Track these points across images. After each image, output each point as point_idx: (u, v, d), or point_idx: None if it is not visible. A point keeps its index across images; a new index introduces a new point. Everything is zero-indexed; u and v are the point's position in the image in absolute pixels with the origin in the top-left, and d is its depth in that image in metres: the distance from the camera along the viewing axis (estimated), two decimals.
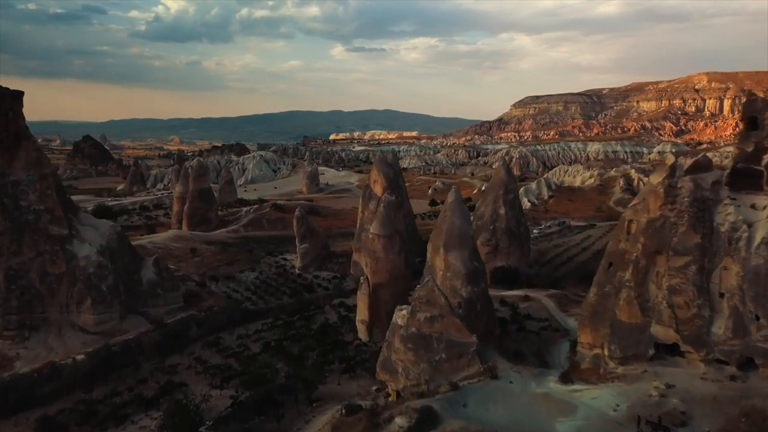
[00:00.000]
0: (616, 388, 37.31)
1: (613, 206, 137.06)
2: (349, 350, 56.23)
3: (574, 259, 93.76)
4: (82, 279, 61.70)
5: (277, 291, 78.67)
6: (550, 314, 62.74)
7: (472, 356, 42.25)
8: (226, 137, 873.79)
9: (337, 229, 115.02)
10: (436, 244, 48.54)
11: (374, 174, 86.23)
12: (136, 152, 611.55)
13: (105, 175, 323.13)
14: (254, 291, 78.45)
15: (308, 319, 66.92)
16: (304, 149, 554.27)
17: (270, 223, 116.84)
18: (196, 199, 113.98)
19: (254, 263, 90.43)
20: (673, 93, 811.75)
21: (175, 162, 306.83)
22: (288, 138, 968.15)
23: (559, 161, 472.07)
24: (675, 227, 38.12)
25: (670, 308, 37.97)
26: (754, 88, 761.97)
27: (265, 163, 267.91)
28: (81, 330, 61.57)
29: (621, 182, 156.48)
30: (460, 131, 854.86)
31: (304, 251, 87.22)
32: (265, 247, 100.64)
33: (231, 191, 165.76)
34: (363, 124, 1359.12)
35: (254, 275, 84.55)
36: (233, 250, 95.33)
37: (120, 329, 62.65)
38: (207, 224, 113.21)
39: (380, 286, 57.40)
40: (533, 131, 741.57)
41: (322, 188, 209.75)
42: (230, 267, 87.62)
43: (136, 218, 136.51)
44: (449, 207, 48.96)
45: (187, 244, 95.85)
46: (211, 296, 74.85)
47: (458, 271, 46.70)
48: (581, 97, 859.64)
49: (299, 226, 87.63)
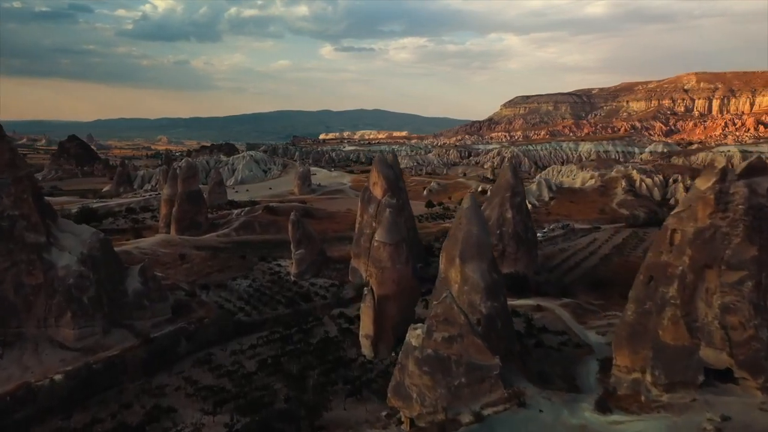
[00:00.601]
0: (664, 420, 33.03)
1: (617, 208, 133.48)
2: (354, 369, 51.67)
3: (582, 264, 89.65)
4: (61, 290, 56.78)
5: (272, 300, 73.92)
6: (566, 326, 58.52)
7: (495, 380, 37.97)
8: (214, 137, 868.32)
9: (332, 233, 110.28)
10: (451, 255, 44.09)
11: (374, 175, 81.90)
12: (124, 152, 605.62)
13: (91, 176, 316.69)
14: (248, 300, 73.65)
15: (306, 332, 62.28)
16: (294, 149, 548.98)
17: (262, 226, 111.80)
18: (185, 202, 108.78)
19: (247, 270, 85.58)
20: (663, 93, 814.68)
21: (163, 162, 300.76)
22: (277, 138, 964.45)
23: (551, 161, 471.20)
24: (728, 238, 33.91)
25: (722, 329, 33.77)
26: (741, 89, 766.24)
27: (255, 164, 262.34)
28: (60, 346, 56.62)
29: (623, 183, 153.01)
30: (450, 131, 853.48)
31: (300, 257, 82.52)
32: (257, 252, 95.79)
33: (221, 193, 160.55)
34: (352, 124, 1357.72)
35: (247, 283, 79.72)
36: (224, 256, 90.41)
37: (103, 344, 57.76)
38: (196, 228, 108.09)
39: (386, 298, 52.89)
40: (524, 131, 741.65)
41: (314, 189, 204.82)
42: (222, 274, 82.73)
43: (122, 221, 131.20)
44: (465, 214, 44.53)
45: (175, 249, 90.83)
46: (202, 306, 69.99)
47: (477, 284, 42.30)
48: (571, 97, 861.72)
49: (294, 231, 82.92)
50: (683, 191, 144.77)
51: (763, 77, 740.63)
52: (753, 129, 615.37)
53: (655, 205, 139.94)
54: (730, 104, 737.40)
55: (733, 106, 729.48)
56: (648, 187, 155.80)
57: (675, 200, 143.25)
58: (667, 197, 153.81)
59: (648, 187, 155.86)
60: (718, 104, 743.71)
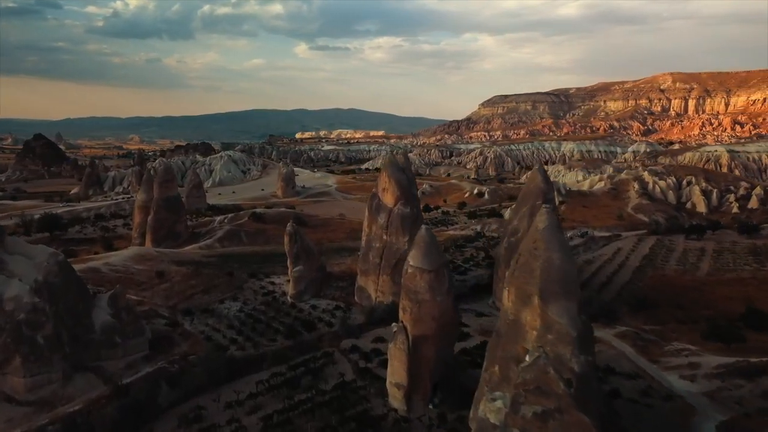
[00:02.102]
0: None
1: (633, 213, 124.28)
2: (385, 429, 40.74)
3: (615, 279, 79.85)
4: (9, 329, 45.01)
5: (269, 329, 62.62)
6: (636, 366, 48.32)
7: None
8: (188, 136, 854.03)
9: (328, 243, 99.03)
10: (524, 291, 33.40)
11: (384, 180, 71.13)
12: (94, 151, 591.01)
13: (58, 177, 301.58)
14: (239, 329, 62.17)
15: (316, 374, 51.12)
16: (271, 148, 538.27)
17: (249, 236, 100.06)
18: (162, 209, 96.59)
19: (236, 289, 74.03)
20: (639, 93, 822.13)
21: (136, 162, 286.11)
22: (252, 137, 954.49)
23: (533, 161, 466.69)
24: None
25: None
26: (716, 89, 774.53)
27: (233, 164, 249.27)
28: (6, 400, 44.92)
29: (635, 186, 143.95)
30: (428, 131, 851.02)
31: (299, 275, 71.29)
32: (246, 266, 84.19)
33: (200, 196, 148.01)
34: (328, 123, 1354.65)
35: (237, 306, 68.22)
36: (209, 273, 78.65)
37: (62, 395, 46.08)
38: (175, 238, 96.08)
39: (424, 338, 42.05)
40: (503, 130, 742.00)
41: (298, 191, 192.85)
42: (207, 295, 71.15)
43: (91, 229, 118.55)
44: (543, 236, 33.87)
45: (152, 265, 78.92)
46: (186, 339, 58.58)
47: (566, 333, 31.66)
48: (549, 97, 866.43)
49: (292, 245, 71.65)
50: (699, 194, 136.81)
51: (737, 78, 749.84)
52: (730, 129, 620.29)
53: (673, 210, 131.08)
54: (706, 104, 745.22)
55: (708, 106, 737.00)
56: (662, 190, 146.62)
57: (692, 204, 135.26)
58: (682, 200, 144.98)
59: (662, 190, 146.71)
60: (694, 104, 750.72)
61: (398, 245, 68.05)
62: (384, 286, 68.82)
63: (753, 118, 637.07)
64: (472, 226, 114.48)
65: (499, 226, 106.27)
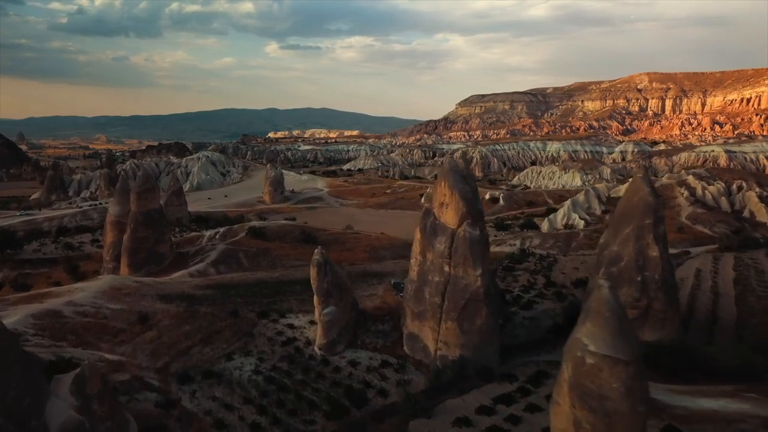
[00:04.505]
0: None
1: (690, 224, 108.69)
2: None
3: (719, 314, 63.70)
4: None
5: (300, 401, 44.96)
6: None
7: None
8: (156, 136, 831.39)
9: (347, 266, 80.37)
10: None
11: (442, 192, 54.27)
12: (59, 151, 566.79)
13: (19, 179, 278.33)
14: (259, 402, 44.39)
15: None
16: (246, 148, 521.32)
17: (250, 257, 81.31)
18: (141, 226, 77.43)
19: (245, 336, 55.92)
20: (617, 93, 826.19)
21: (104, 164, 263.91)
22: (223, 136, 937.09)
23: (519, 161, 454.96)
24: None
25: None
26: (693, 89, 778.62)
27: (212, 166, 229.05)
28: None
29: (684, 192, 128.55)
30: (405, 130, 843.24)
31: (330, 319, 53.70)
32: (253, 301, 66.01)
33: (181, 204, 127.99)
34: (300, 123, 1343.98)
35: (252, 365, 50.29)
36: (207, 312, 60.23)
37: None
38: (157, 262, 77.29)
39: None
40: (482, 130, 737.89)
41: (288, 197, 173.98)
42: (208, 347, 53.01)
43: (52, 247, 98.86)
44: None
45: (131, 302, 60.58)
46: (188, 426, 40.70)
47: None
48: (527, 96, 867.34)
49: (321, 278, 54.00)
50: (756, 201, 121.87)
51: (712, 78, 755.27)
52: (709, 129, 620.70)
53: (734, 219, 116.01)
54: (683, 104, 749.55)
55: (685, 106, 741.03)
56: (714, 197, 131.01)
57: (749, 212, 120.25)
58: (735, 208, 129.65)
59: (713, 196, 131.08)
60: (671, 104, 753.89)
61: (467, 280, 51.01)
62: (448, 336, 51.67)
63: (731, 118, 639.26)
64: (509, 241, 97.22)
65: (542, 241, 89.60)
